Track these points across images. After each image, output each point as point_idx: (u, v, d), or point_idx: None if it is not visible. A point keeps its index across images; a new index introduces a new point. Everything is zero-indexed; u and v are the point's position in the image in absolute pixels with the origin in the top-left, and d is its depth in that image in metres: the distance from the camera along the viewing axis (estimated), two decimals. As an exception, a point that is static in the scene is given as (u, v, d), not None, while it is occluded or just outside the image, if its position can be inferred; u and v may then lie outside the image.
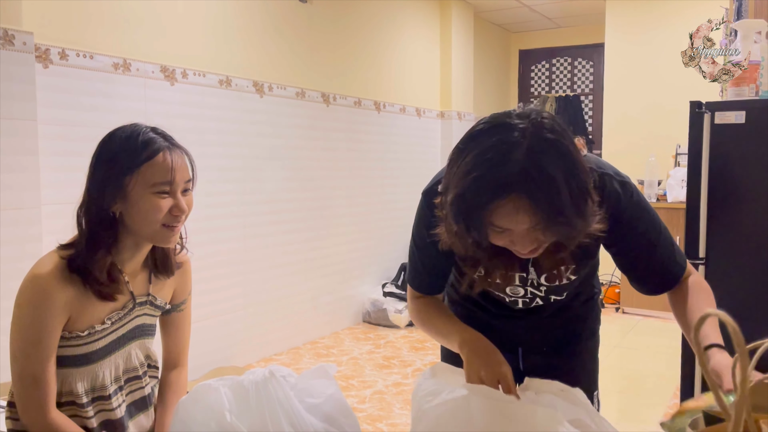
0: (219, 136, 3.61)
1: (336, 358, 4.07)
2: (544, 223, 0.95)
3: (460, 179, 0.97)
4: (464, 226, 0.98)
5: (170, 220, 1.25)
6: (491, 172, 0.93)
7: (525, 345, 1.42)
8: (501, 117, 1.00)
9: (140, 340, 1.37)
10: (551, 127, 0.97)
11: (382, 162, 5.08)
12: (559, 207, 0.93)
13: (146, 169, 1.21)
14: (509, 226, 0.98)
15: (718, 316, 0.46)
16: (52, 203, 2.68)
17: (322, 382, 1.32)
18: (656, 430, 2.93)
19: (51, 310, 1.20)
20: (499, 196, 0.94)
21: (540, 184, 0.92)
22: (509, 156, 0.93)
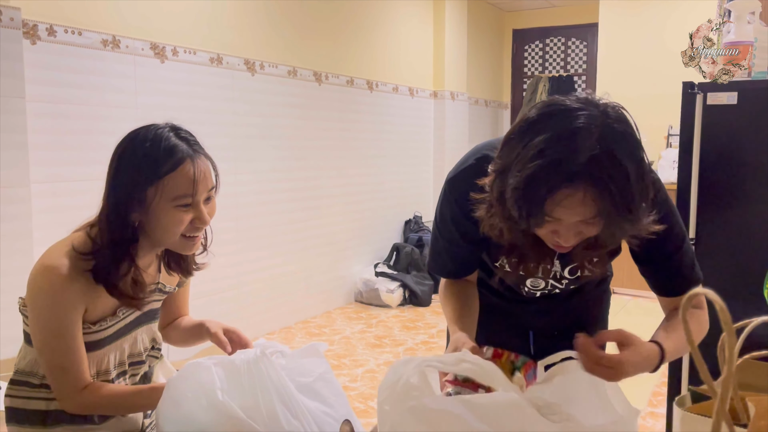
0: (210, 114, 3.58)
1: (328, 338, 4.09)
2: (607, 216, 0.92)
3: (525, 164, 0.91)
4: (525, 212, 0.94)
5: (191, 231, 1.22)
6: (562, 158, 0.89)
7: (536, 329, 1.42)
8: (566, 101, 0.96)
9: (147, 325, 1.37)
10: (619, 118, 0.94)
11: (374, 141, 5.06)
12: (629, 201, 0.90)
13: (169, 180, 1.16)
14: (564, 216, 0.94)
15: (706, 295, 0.46)
16: (41, 181, 2.66)
17: (313, 361, 1.32)
18: (643, 408, 2.96)
19: (69, 303, 1.18)
20: (569, 185, 0.90)
21: (613, 176, 0.89)
22: (581, 143, 0.89)
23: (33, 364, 1.27)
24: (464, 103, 6.10)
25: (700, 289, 0.47)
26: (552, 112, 0.95)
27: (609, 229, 0.95)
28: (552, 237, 1.01)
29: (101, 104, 2.93)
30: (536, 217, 0.94)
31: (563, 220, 0.95)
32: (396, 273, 4.92)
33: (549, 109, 0.96)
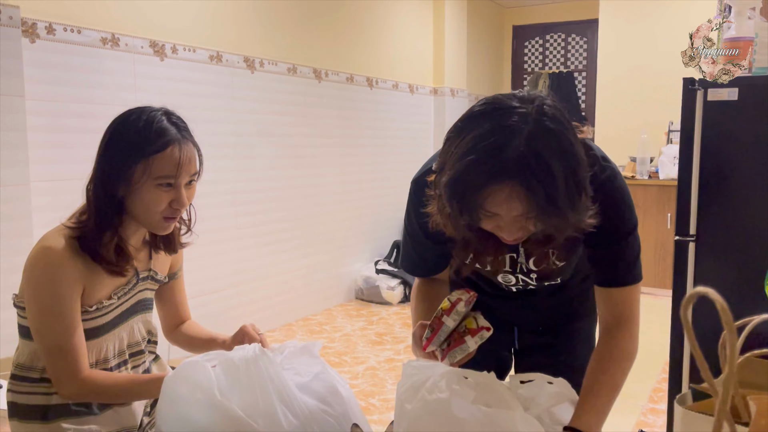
0: (209, 112, 3.57)
1: (329, 335, 4.09)
2: (535, 213, 0.94)
3: (456, 160, 0.94)
4: (457, 207, 0.96)
5: (170, 213, 1.26)
6: (489, 156, 0.91)
7: (520, 324, 1.43)
8: (504, 99, 0.97)
9: (142, 314, 1.39)
10: (554, 116, 0.94)
11: (374, 139, 5.06)
12: (554, 199, 0.91)
13: (154, 160, 1.22)
14: (500, 212, 0.96)
15: (706, 294, 0.46)
16: (41, 180, 2.66)
17: (308, 360, 1.33)
18: (644, 404, 2.96)
19: (67, 281, 1.21)
20: (495, 182, 0.92)
21: (537, 174, 0.90)
22: (508, 142, 0.90)
23: (32, 358, 1.28)
24: (464, 99, 6.10)
25: (702, 288, 0.47)
26: (487, 111, 0.96)
27: (541, 224, 0.97)
28: (498, 231, 1.02)
29: (100, 102, 2.93)
30: (471, 213, 0.97)
31: (502, 216, 0.97)
32: (396, 270, 4.92)
33: (485, 107, 0.97)
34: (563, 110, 0.98)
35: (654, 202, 5.11)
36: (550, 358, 1.44)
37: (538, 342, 1.45)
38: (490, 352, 1.47)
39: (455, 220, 1.00)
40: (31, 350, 1.28)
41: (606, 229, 1.10)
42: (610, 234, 1.14)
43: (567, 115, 0.98)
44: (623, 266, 1.17)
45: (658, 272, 5.12)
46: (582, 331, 1.45)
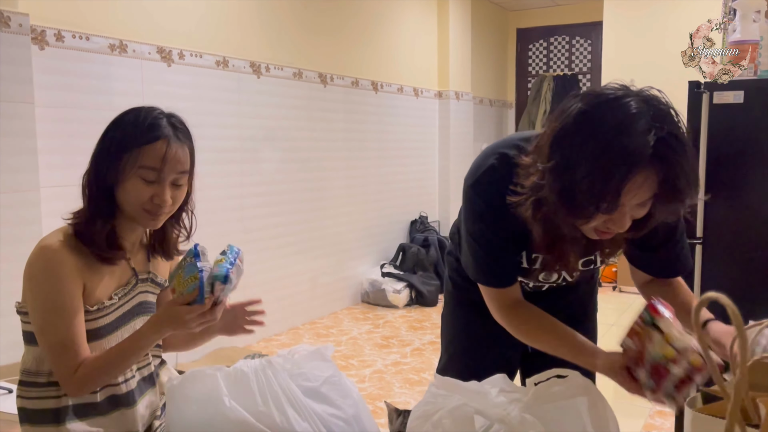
0: (216, 117, 3.59)
1: (335, 338, 4.10)
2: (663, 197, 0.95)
3: (595, 155, 0.93)
4: (599, 202, 0.94)
5: (151, 208, 1.27)
6: (631, 144, 0.91)
7: None
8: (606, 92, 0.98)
9: (144, 317, 1.40)
10: (660, 99, 0.97)
11: (379, 142, 5.07)
12: (696, 175, 0.94)
13: (141, 151, 1.24)
14: (633, 201, 0.96)
15: (717, 299, 0.46)
16: (50, 186, 2.68)
17: (319, 365, 1.33)
18: (651, 407, 2.94)
19: (67, 276, 1.22)
20: (641, 169, 0.92)
21: (680, 153, 0.92)
22: (643, 127, 0.92)
23: (38, 363, 1.29)
24: (469, 102, 6.10)
25: (713, 294, 0.48)
26: (600, 103, 0.97)
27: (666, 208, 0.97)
28: (604, 226, 1.01)
29: (109, 108, 2.93)
30: (611, 206, 0.95)
31: (626, 204, 0.97)
32: (402, 273, 4.92)
33: (597, 100, 0.97)
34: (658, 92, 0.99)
35: (660, 204, 5.10)
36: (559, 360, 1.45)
37: None
38: (501, 354, 1.48)
39: (570, 219, 1.00)
40: (36, 356, 1.29)
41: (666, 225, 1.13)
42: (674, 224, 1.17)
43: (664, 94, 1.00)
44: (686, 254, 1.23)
45: (665, 274, 5.10)
46: (590, 331, 1.46)
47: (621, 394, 3.53)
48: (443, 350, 1.58)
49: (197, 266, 1.27)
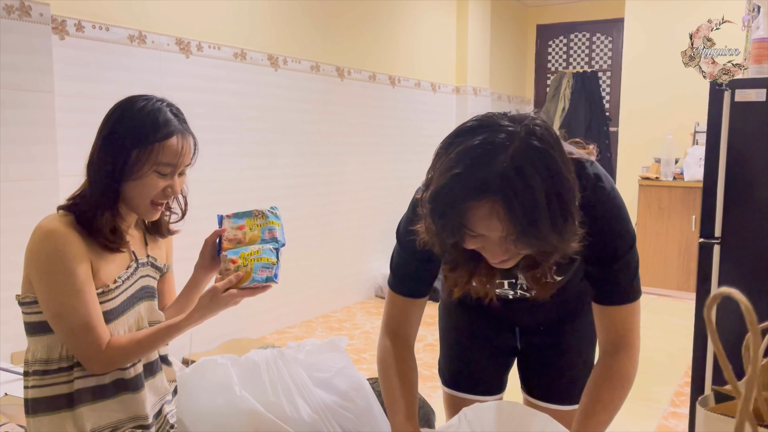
0: (233, 110, 3.61)
1: (348, 332, 4.10)
2: (516, 234, 0.91)
3: (440, 175, 0.93)
4: (440, 223, 0.95)
5: (160, 198, 1.31)
6: (472, 170, 0.90)
7: (522, 325, 1.43)
8: (493, 117, 0.97)
9: (146, 302, 1.42)
10: (542, 136, 0.92)
11: (396, 137, 5.06)
12: (534, 219, 0.89)
13: (158, 148, 1.27)
14: (482, 231, 0.94)
15: (732, 295, 0.46)
16: (69, 175, 2.71)
17: (332, 356, 1.33)
18: (666, 408, 2.92)
19: (76, 257, 1.24)
20: (475, 197, 0.90)
21: (518, 191, 0.88)
22: (493, 157, 0.89)
23: (50, 351, 1.30)
24: (487, 98, 6.07)
25: (726, 289, 0.47)
26: (475, 127, 0.95)
27: (522, 246, 0.93)
28: (483, 251, 1.00)
29: (127, 99, 2.97)
30: (453, 230, 0.94)
31: (486, 236, 0.95)
32: (416, 269, 4.91)
33: (474, 123, 0.96)
34: (553, 132, 0.96)
35: (678, 203, 5.05)
36: (554, 357, 1.44)
37: (541, 341, 1.44)
38: (492, 353, 1.48)
39: (440, 238, 0.98)
40: (48, 344, 1.30)
41: (603, 248, 1.09)
42: (609, 254, 1.11)
43: (557, 136, 0.96)
44: (622, 283, 1.14)
45: (682, 275, 5.05)
46: (582, 327, 1.43)
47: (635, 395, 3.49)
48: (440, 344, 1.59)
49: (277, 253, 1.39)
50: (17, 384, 1.98)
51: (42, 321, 1.28)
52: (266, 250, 1.39)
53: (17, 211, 2.48)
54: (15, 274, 1.92)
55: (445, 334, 1.55)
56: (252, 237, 1.44)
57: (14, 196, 2.47)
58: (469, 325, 1.47)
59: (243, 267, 1.37)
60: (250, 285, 1.37)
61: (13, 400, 1.89)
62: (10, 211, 2.46)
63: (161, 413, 1.44)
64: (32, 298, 1.28)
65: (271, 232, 1.46)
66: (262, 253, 1.39)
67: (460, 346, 1.51)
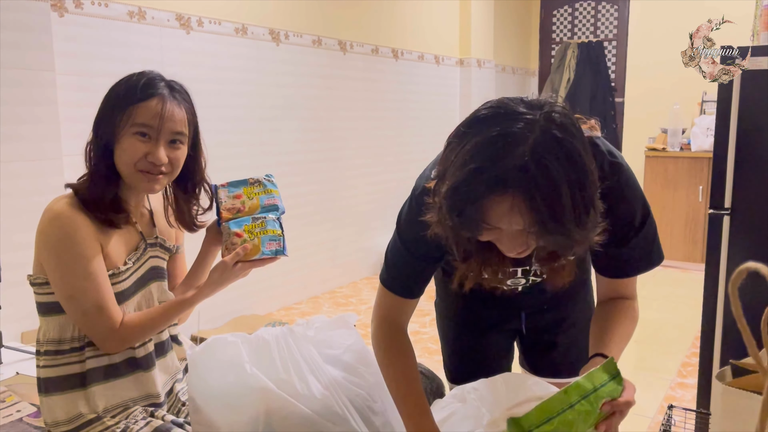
0: (235, 85, 3.57)
1: (355, 307, 4.12)
2: (538, 228, 0.87)
3: (457, 169, 0.88)
4: (458, 220, 0.90)
5: (146, 167, 1.27)
6: (490, 165, 0.85)
7: (527, 309, 1.42)
8: (510, 104, 0.91)
9: (156, 282, 1.41)
10: (563, 124, 0.87)
11: (399, 111, 5.02)
12: (558, 214, 0.85)
13: (135, 109, 1.25)
14: (500, 225, 0.90)
15: (757, 270, 0.44)
16: (73, 154, 2.69)
17: (342, 333, 1.33)
18: (673, 378, 2.92)
19: (85, 239, 1.23)
20: (496, 193, 0.86)
21: (540, 186, 0.83)
22: (512, 150, 0.84)
23: (62, 330, 1.30)
24: (491, 70, 6.00)
25: (753, 264, 0.45)
26: (491, 116, 0.90)
27: (543, 241, 0.90)
28: (499, 243, 0.96)
29: (128, 76, 2.94)
30: (471, 226, 0.91)
31: (503, 229, 0.91)
32: (422, 243, 4.91)
33: (490, 111, 0.91)
34: (573, 118, 0.92)
35: (685, 174, 5.01)
36: (556, 334, 1.44)
37: (545, 321, 1.43)
38: (498, 341, 1.47)
39: (456, 232, 0.95)
40: (60, 323, 1.30)
41: (620, 227, 1.07)
42: (625, 232, 1.09)
43: (577, 123, 0.92)
44: (640, 257, 1.14)
45: (688, 246, 5.04)
46: (583, 300, 1.44)
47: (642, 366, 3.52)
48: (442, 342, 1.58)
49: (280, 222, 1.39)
50: (29, 363, 1.99)
51: (54, 301, 1.28)
52: (270, 221, 1.38)
53: (23, 191, 2.47)
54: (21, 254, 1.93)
55: (447, 331, 1.53)
56: (252, 206, 1.43)
57: (18, 176, 2.46)
58: (473, 317, 1.45)
59: (250, 240, 1.36)
60: (260, 257, 1.36)
61: (26, 379, 1.90)
62: (15, 191, 2.45)
63: (172, 391, 1.45)
64: (44, 279, 1.28)
65: (270, 199, 1.44)
66: (267, 225, 1.37)
67: (465, 340, 1.49)
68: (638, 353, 3.34)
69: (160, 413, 1.35)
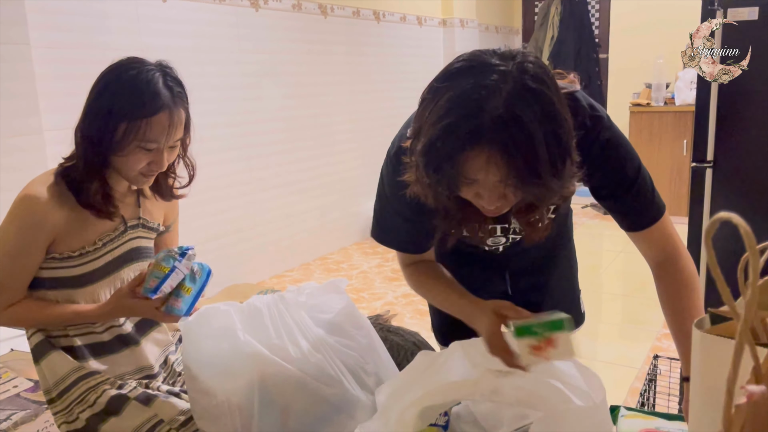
0: (215, 53, 3.52)
1: (346, 273, 4.15)
2: (515, 180, 0.87)
3: (431, 125, 0.88)
4: (434, 176, 0.90)
5: (147, 171, 1.28)
6: (465, 119, 0.84)
7: (512, 268, 1.43)
8: (482, 56, 0.89)
9: (138, 263, 1.41)
10: (536, 75, 0.86)
11: (383, 74, 4.98)
12: (535, 165, 0.84)
13: (143, 124, 1.21)
14: (478, 177, 0.89)
15: (731, 219, 0.46)
16: (54, 129, 2.66)
17: (333, 297, 1.35)
18: (659, 330, 2.99)
19: (36, 233, 1.24)
20: (471, 146, 0.85)
21: (515, 138, 0.83)
22: (486, 103, 0.83)
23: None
24: (474, 30, 5.94)
25: (725, 213, 0.47)
26: (464, 69, 0.89)
27: (521, 193, 0.90)
28: (478, 199, 0.96)
29: (105, 47, 2.89)
30: (449, 181, 0.90)
31: (480, 181, 0.90)
32: (410, 207, 4.93)
33: (462, 65, 0.90)
34: (546, 67, 0.90)
35: (670, 129, 5.03)
36: (540, 295, 1.45)
37: (530, 283, 1.45)
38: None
39: (434, 190, 0.94)
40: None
41: (614, 179, 1.07)
42: (619, 184, 1.09)
43: (551, 72, 0.91)
44: (643, 206, 1.14)
45: (673, 200, 5.09)
46: (566, 258, 1.45)
47: (628, 319, 3.58)
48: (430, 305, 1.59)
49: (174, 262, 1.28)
50: (23, 339, 2.00)
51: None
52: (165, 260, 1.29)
53: (4, 167, 2.44)
54: (8, 232, 1.93)
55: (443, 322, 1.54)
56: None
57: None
58: (460, 279, 1.47)
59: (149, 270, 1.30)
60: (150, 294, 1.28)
61: (21, 355, 1.91)
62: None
63: (167, 363, 1.47)
64: None
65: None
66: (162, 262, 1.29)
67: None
68: (625, 307, 3.41)
69: (154, 384, 1.37)
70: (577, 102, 1.05)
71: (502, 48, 0.91)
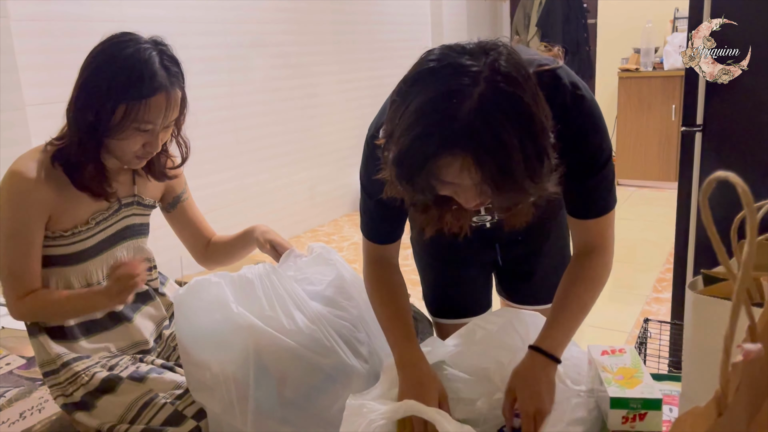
0: (200, 24, 3.45)
1: (337, 245, 4.15)
2: (490, 186, 0.85)
3: (402, 133, 0.86)
4: (408, 186, 0.89)
5: (142, 153, 1.26)
6: (436, 128, 0.82)
7: (501, 241, 1.43)
8: (452, 54, 0.87)
9: (132, 240, 1.40)
10: (508, 74, 0.83)
11: (370, 44, 4.91)
12: (509, 170, 0.82)
13: (141, 105, 1.18)
14: (453, 181, 0.88)
15: (728, 178, 0.45)
16: (37, 103, 2.61)
17: (322, 269, 1.35)
18: (648, 294, 3.01)
19: (30, 209, 1.22)
20: (443, 154, 0.83)
21: (488, 145, 0.81)
22: (457, 109, 0.81)
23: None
24: (462, -3, 5.87)
25: (723, 173, 0.46)
26: (435, 70, 0.87)
27: (497, 195, 0.89)
28: (456, 196, 0.94)
29: (86, 19, 2.82)
30: (422, 189, 0.89)
31: (456, 184, 0.89)
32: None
33: (433, 65, 0.87)
34: (520, 62, 0.86)
35: (658, 94, 5.02)
36: (532, 264, 1.45)
37: (520, 253, 1.45)
38: (475, 274, 1.49)
39: (409, 194, 0.93)
40: None
41: (581, 162, 1.05)
42: (585, 167, 1.07)
43: (525, 69, 0.87)
44: (598, 198, 1.12)
45: (662, 165, 5.11)
46: (557, 231, 1.44)
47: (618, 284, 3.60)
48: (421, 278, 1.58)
49: None
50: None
51: None
52: None
53: (-13, 145, 2.40)
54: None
55: (425, 266, 1.53)
56: None
57: (-18, 130, 2.39)
58: (449, 251, 1.46)
59: None
60: None
61: (13, 333, 1.91)
62: (-21, 145, 2.39)
63: (161, 337, 1.47)
64: None
65: None
66: None
67: (443, 275, 1.50)
68: (615, 272, 3.43)
69: (149, 359, 1.37)
70: (558, 80, 1.02)
71: (473, 43, 0.88)
